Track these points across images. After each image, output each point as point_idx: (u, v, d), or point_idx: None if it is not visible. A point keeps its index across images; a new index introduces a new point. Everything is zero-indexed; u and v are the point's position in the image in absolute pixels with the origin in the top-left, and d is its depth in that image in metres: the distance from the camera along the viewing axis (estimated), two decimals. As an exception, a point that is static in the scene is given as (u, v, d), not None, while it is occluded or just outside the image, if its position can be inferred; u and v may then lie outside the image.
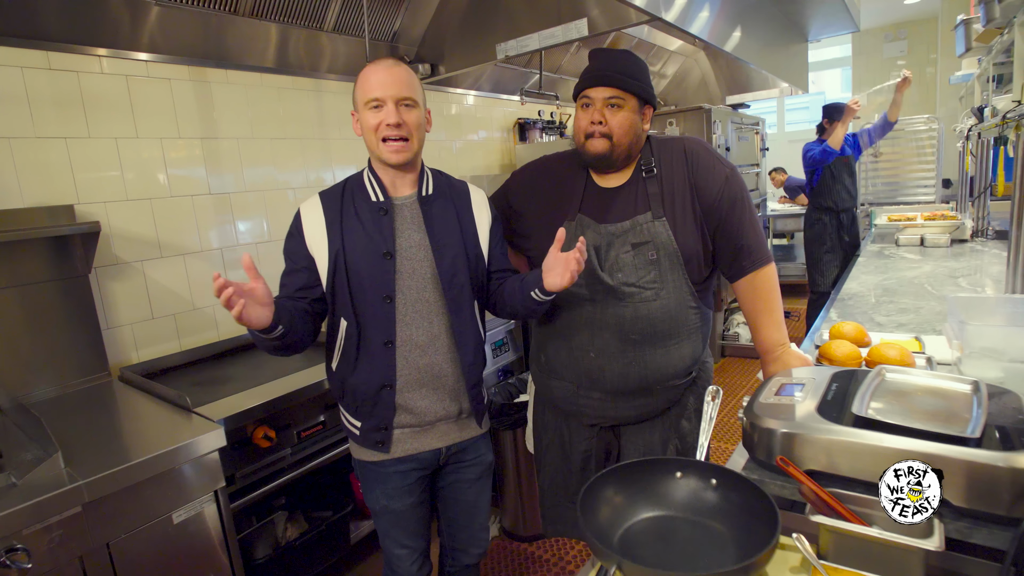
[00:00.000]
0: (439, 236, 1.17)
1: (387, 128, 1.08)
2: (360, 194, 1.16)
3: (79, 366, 1.63)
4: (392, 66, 1.10)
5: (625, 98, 1.13)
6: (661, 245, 1.15)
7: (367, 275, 1.12)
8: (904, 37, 5.52)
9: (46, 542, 1.04)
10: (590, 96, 1.14)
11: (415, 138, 1.12)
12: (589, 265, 1.16)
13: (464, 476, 1.30)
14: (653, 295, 1.15)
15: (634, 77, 1.13)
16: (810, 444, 0.82)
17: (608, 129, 1.13)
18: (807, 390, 0.93)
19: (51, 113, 1.60)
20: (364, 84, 1.10)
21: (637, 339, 1.16)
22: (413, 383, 1.16)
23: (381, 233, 1.13)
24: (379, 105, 1.09)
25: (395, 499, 1.23)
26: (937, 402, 0.86)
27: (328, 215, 1.14)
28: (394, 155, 1.10)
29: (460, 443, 1.25)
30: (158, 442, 1.23)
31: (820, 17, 3.39)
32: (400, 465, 1.21)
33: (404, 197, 1.17)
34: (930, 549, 0.66)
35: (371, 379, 1.15)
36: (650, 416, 1.24)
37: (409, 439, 1.20)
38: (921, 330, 1.51)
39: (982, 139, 2.77)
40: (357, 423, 1.21)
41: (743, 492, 0.78)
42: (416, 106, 1.11)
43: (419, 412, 1.18)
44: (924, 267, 2.35)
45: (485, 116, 3.16)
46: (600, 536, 0.74)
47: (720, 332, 3.90)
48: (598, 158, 1.16)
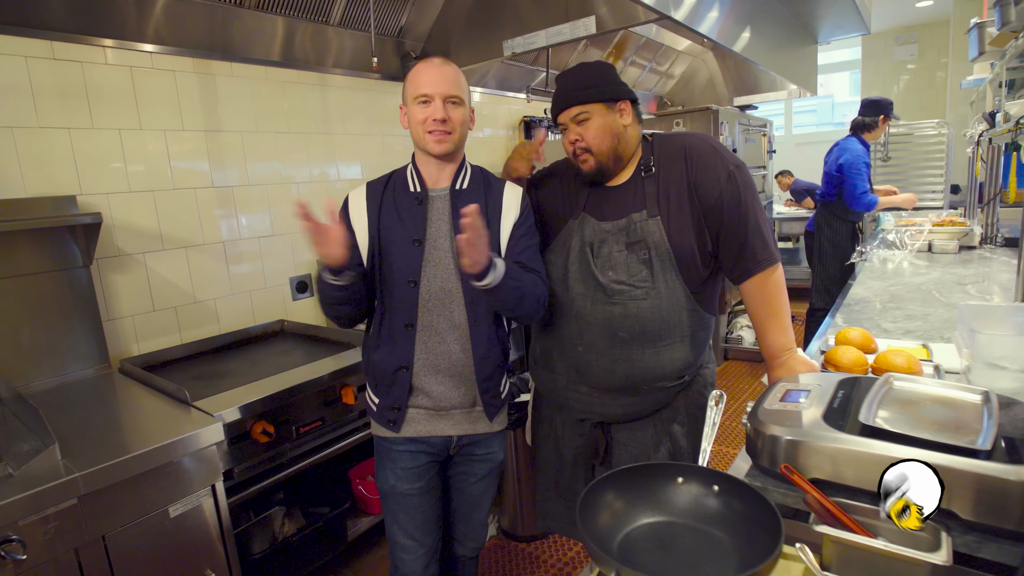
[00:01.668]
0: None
1: (433, 123, 1.15)
2: (401, 185, 1.24)
3: (79, 357, 1.63)
4: (442, 65, 1.18)
5: (589, 109, 1.15)
6: (654, 245, 1.14)
7: (396, 259, 1.19)
8: (915, 40, 5.47)
9: (41, 534, 1.03)
10: (562, 121, 1.20)
11: (458, 133, 1.18)
12: (584, 261, 1.19)
13: (473, 470, 1.32)
14: (643, 294, 1.14)
15: (590, 86, 1.16)
16: (815, 452, 0.80)
17: (586, 143, 1.17)
18: (813, 397, 0.92)
19: (55, 103, 1.59)
20: (415, 80, 1.17)
21: (625, 337, 1.16)
22: (430, 368, 1.20)
23: (414, 221, 1.20)
24: (427, 101, 1.15)
25: (403, 480, 1.25)
26: (946, 412, 0.84)
27: (370, 203, 1.22)
28: (437, 145, 1.16)
29: (472, 435, 1.27)
30: (156, 435, 1.22)
31: (830, 19, 3.36)
32: (410, 445, 1.24)
33: (440, 189, 1.22)
34: (937, 563, 0.65)
35: (390, 359, 1.21)
36: (638, 416, 1.23)
37: (423, 421, 1.24)
38: (928, 337, 1.49)
39: (993, 144, 2.74)
40: (376, 399, 1.27)
41: (746, 500, 0.77)
42: (462, 104, 1.18)
43: (435, 396, 1.22)
44: (932, 273, 2.33)
45: (491, 113, 3.14)
46: (599, 541, 0.73)
47: (723, 335, 3.87)
48: (593, 174, 1.20)
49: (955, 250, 2.71)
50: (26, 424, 1.26)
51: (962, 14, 4.52)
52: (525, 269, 1.23)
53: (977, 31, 2.66)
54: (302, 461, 1.59)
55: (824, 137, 6.43)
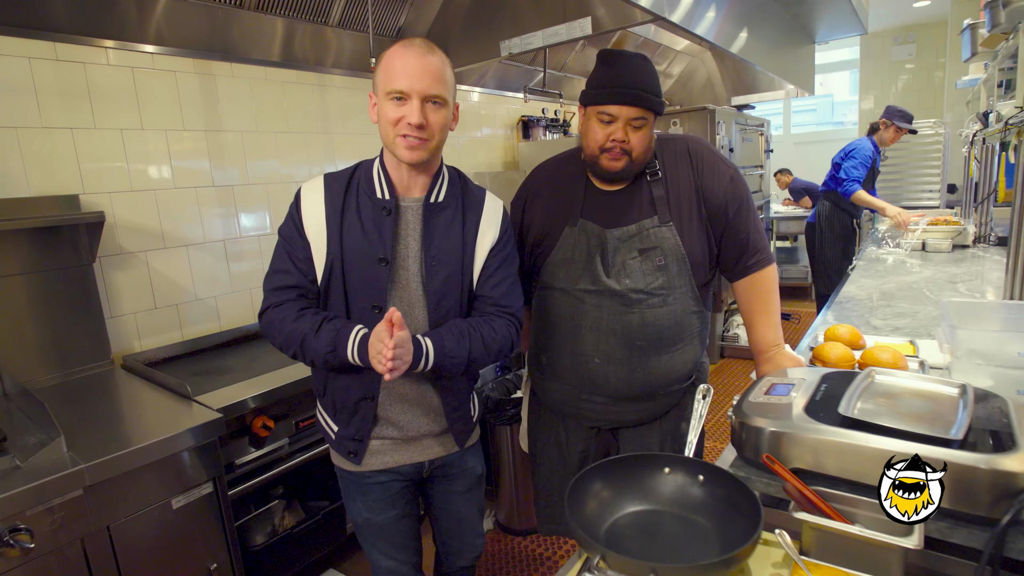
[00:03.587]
0: (435, 251, 1.06)
1: (407, 127, 0.97)
2: (366, 187, 1.05)
3: (82, 354, 1.66)
4: (425, 54, 0.96)
5: (648, 117, 1.08)
6: (669, 250, 1.13)
7: (357, 279, 1.03)
8: (913, 40, 5.49)
9: (48, 523, 1.06)
10: (612, 113, 1.07)
11: (436, 140, 1.00)
12: (593, 270, 1.15)
13: (452, 488, 1.24)
14: (660, 301, 1.14)
15: (656, 93, 1.08)
16: (797, 443, 0.83)
17: (630, 147, 1.09)
18: (797, 390, 0.94)
19: (58, 104, 1.62)
20: (389, 69, 0.96)
21: (643, 346, 1.15)
22: (396, 397, 1.10)
23: (380, 236, 1.03)
24: (402, 98, 0.96)
25: (377, 512, 1.17)
26: (924, 404, 0.87)
27: (330, 205, 1.04)
28: (408, 152, 0.98)
29: (444, 457, 1.19)
30: (159, 429, 1.25)
31: (828, 19, 3.38)
32: (380, 476, 1.15)
33: (412, 199, 1.06)
34: (910, 547, 0.67)
35: (353, 387, 1.08)
36: (650, 419, 1.24)
37: (388, 452, 1.14)
38: (916, 334, 1.52)
39: (986, 144, 2.76)
40: (335, 427, 1.15)
41: (728, 488, 0.80)
42: (444, 105, 0.99)
43: (403, 426, 1.12)
44: (924, 272, 2.35)
45: (489, 113, 3.17)
46: (587, 528, 0.76)
47: (720, 333, 3.90)
48: (616, 175, 1.13)
49: (949, 249, 2.73)
50: (32, 418, 1.29)
51: (959, 14, 4.53)
52: (491, 305, 1.10)
53: (970, 32, 2.68)
54: (301, 455, 1.62)
55: (822, 137, 6.45)
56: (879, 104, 5.60)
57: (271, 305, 1.06)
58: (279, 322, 1.03)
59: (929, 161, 4.84)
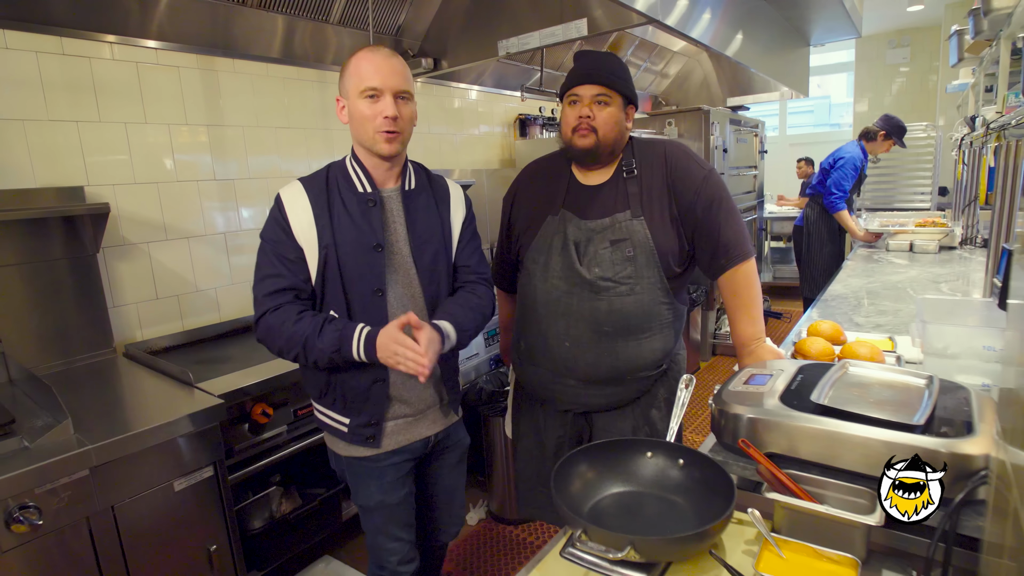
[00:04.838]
0: (420, 232, 1.18)
1: (385, 121, 1.07)
2: (345, 184, 1.14)
3: (85, 342, 1.69)
4: (390, 56, 1.09)
5: (611, 96, 1.19)
6: (638, 243, 1.20)
7: (358, 268, 1.11)
8: (907, 44, 5.54)
9: (55, 502, 1.10)
10: (578, 93, 1.20)
11: (407, 132, 1.13)
12: (568, 258, 1.22)
13: (446, 461, 1.35)
14: (628, 290, 1.20)
15: (620, 77, 1.20)
16: (772, 429, 0.87)
17: (596, 123, 1.19)
18: (774, 380, 0.99)
19: (63, 97, 1.65)
20: (359, 71, 1.07)
21: (610, 331, 1.21)
22: (403, 375, 1.15)
23: (371, 225, 1.12)
24: (375, 95, 1.07)
25: (390, 492, 1.23)
26: (893, 394, 0.92)
27: (316, 205, 1.11)
28: (387, 145, 1.09)
29: (445, 429, 1.30)
30: (161, 413, 1.29)
31: (822, 23, 3.43)
32: (395, 457, 1.22)
33: (390, 190, 1.17)
34: (871, 525, 0.72)
35: (362, 373, 1.14)
36: (620, 404, 1.30)
37: (402, 431, 1.22)
38: (896, 331, 1.57)
39: (973, 148, 2.82)
40: (345, 420, 1.19)
41: (706, 470, 0.84)
42: (411, 99, 1.12)
43: (413, 402, 1.21)
44: (910, 272, 2.41)
45: (486, 111, 3.20)
46: (571, 506, 0.80)
47: (712, 331, 3.95)
48: (585, 152, 1.21)
49: (935, 250, 2.79)
50: (39, 402, 1.32)
51: (952, 19, 4.59)
52: (471, 273, 1.25)
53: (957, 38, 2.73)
54: (299, 442, 1.66)
55: (818, 138, 6.50)
56: (873, 107, 5.66)
57: (268, 310, 1.09)
58: (278, 326, 1.08)
59: (921, 164, 4.91)
